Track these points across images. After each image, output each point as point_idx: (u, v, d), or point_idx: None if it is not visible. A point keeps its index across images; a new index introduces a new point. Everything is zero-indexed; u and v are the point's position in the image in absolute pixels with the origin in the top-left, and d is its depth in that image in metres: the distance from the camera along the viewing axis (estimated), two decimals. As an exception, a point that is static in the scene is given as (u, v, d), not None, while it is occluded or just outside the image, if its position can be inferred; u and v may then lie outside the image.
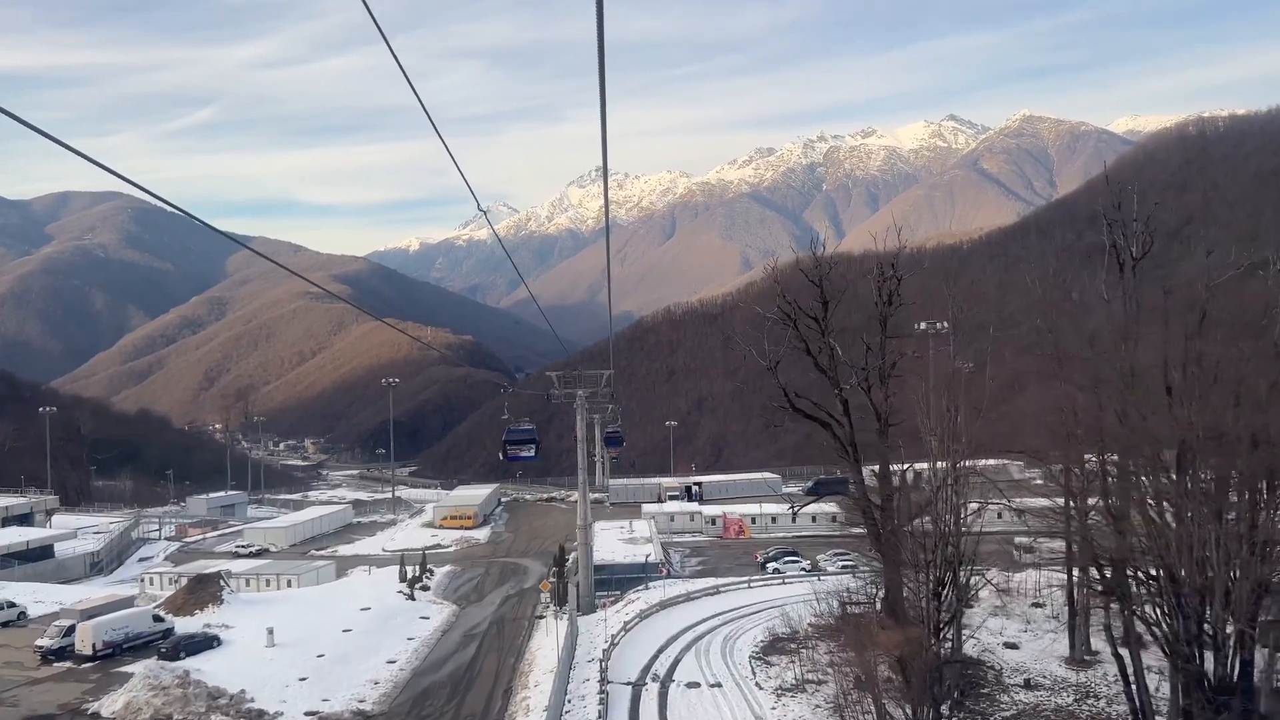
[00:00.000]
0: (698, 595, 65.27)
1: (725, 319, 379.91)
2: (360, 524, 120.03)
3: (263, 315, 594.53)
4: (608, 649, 53.29)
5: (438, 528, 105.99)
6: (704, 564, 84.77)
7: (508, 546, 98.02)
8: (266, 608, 69.73)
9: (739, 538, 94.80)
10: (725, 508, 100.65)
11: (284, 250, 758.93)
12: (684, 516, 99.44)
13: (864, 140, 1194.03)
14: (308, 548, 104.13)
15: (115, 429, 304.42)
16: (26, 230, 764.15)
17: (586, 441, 67.11)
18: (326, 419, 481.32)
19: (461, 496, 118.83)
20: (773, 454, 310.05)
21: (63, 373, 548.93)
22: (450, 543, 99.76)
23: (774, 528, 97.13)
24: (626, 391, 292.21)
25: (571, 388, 66.81)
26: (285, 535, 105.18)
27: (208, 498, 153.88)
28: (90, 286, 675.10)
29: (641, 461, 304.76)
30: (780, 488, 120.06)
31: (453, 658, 59.13)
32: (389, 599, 73.60)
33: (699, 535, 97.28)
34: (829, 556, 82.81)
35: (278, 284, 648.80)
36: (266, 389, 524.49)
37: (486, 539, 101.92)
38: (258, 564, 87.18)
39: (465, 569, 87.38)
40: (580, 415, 66.67)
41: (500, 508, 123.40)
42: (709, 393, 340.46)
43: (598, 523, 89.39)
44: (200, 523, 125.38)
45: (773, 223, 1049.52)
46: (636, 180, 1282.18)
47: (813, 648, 52.82)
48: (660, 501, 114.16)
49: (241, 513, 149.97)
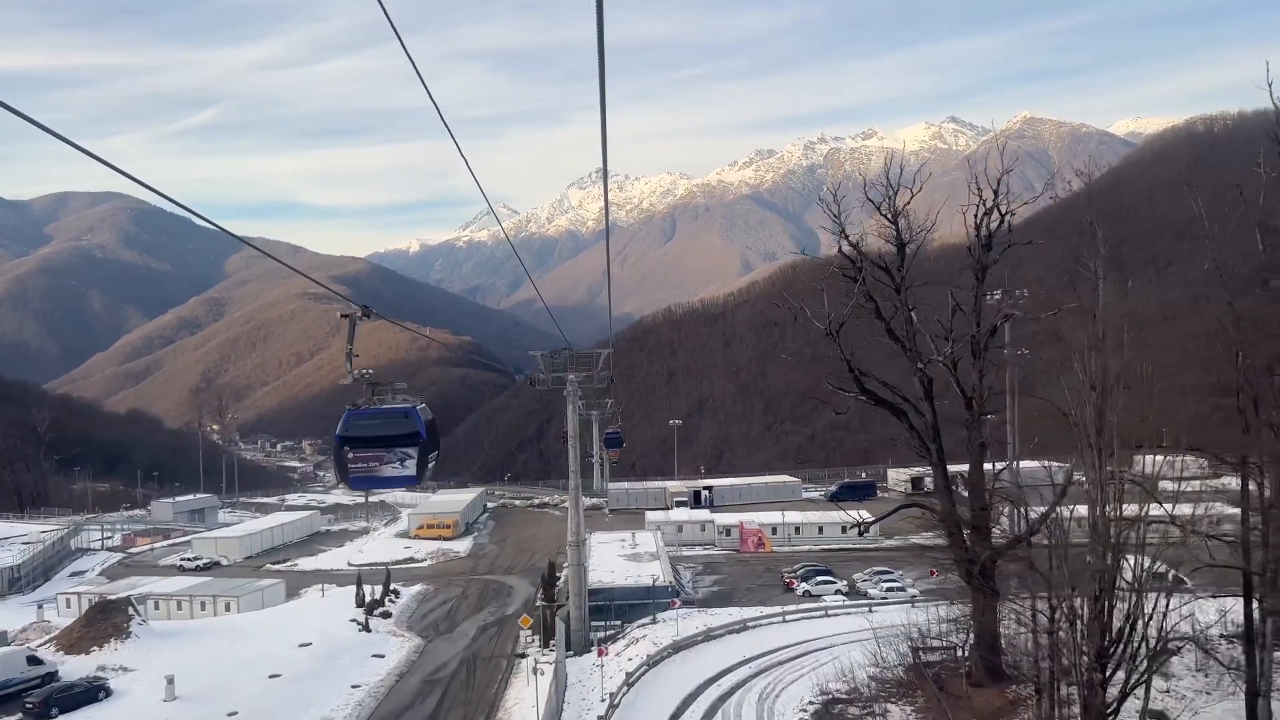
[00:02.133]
0: (720, 633, 50.86)
1: (726, 319, 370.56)
2: (329, 532, 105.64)
3: (260, 316, 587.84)
4: (606, 713, 39.20)
5: (413, 538, 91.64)
6: (720, 585, 70.52)
7: (491, 561, 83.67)
8: (184, 643, 55.56)
9: (758, 551, 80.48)
10: (741, 516, 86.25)
11: (283, 251, 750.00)
12: (694, 526, 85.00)
13: (864, 142, 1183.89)
14: (265, 560, 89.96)
15: (103, 430, 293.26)
16: (25, 231, 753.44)
17: (579, 439, 53.05)
18: (324, 420, 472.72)
19: (440, 503, 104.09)
20: (775, 455, 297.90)
21: (60, 374, 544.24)
22: (425, 555, 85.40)
23: (798, 539, 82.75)
24: (626, 392, 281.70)
25: (561, 371, 52.85)
26: (239, 546, 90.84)
27: (174, 501, 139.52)
28: (88, 287, 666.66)
29: (642, 464, 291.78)
30: (800, 492, 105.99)
31: (405, 716, 45.05)
32: (338, 630, 59.39)
33: (711, 548, 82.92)
34: (868, 576, 68.64)
35: (276, 285, 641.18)
36: (264, 390, 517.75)
37: (467, 551, 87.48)
38: (194, 583, 73.04)
39: (438, 589, 73.22)
40: (571, 405, 52.64)
41: (485, 515, 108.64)
42: (710, 393, 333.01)
43: (595, 535, 75.22)
44: (151, 531, 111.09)
45: (773, 224, 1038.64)
46: (637, 182, 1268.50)
47: (882, 714, 38.63)
48: (667, 508, 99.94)
49: (212, 518, 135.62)
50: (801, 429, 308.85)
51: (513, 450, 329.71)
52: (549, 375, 52.31)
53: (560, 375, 52.67)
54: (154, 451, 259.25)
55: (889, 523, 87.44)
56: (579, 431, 53.49)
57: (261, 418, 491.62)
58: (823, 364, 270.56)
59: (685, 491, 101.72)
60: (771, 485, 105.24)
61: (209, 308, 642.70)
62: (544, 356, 52.42)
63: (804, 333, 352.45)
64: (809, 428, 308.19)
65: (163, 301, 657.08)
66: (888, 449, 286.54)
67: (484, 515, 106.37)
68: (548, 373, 52.12)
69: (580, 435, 65.37)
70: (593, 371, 52.64)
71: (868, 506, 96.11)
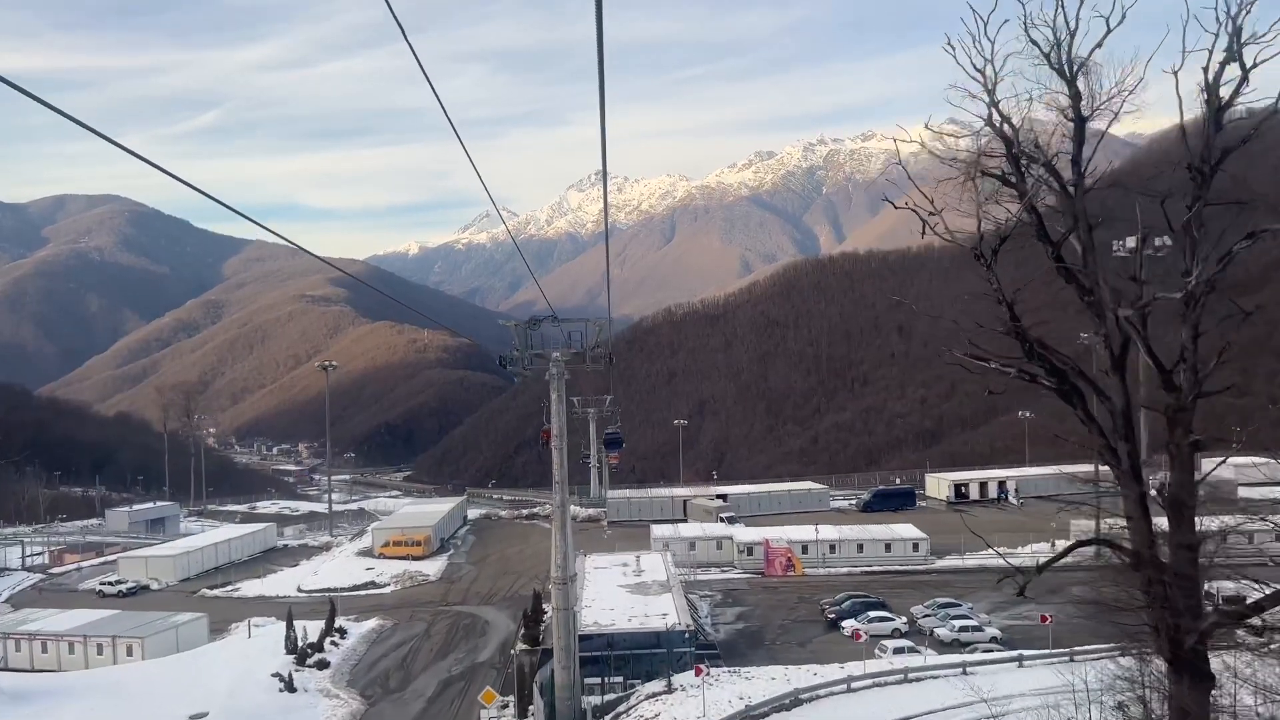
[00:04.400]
0: (762, 710, 35.81)
1: (727, 319, 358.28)
2: (286, 548, 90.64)
3: (258, 319, 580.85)
4: None
5: (377, 556, 76.67)
6: (746, 621, 55.77)
7: (466, 587, 68.55)
8: (39, 711, 40.87)
9: (787, 575, 65.55)
10: (765, 531, 71.29)
11: (282, 254, 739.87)
12: (709, 544, 69.94)
13: (864, 143, 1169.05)
14: (203, 583, 75.03)
15: (89, 433, 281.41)
16: (22, 233, 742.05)
17: (563, 438, 38.36)
18: (321, 423, 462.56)
19: (411, 515, 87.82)
20: (778, 457, 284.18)
21: (57, 376, 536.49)
22: (389, 579, 70.39)
23: (833, 559, 67.84)
24: (626, 394, 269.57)
25: (541, 349, 38.22)
26: (173, 567, 75.90)
27: (130, 510, 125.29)
28: (85, 290, 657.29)
29: (642, 467, 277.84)
30: (829, 501, 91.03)
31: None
32: (252, 689, 44.58)
33: (730, 570, 67.96)
34: (932, 611, 53.95)
35: (274, 288, 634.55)
36: (261, 393, 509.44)
37: (439, 574, 72.28)
38: (99, 617, 58.22)
39: (398, 625, 58.42)
40: (556, 393, 37.97)
41: (465, 528, 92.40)
42: (711, 395, 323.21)
43: (591, 558, 60.33)
44: (87, 546, 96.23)
45: (773, 226, 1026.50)
46: (636, 184, 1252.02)
47: None
48: (676, 520, 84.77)
49: (174, 528, 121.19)
50: (804, 431, 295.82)
51: (511, 453, 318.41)
52: (525, 353, 37.64)
53: (540, 353, 38.00)
54: (143, 455, 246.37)
55: (939, 536, 73.10)
56: (566, 430, 38.73)
57: (259, 420, 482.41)
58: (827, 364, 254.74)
59: (716, 504, 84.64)
60: (796, 494, 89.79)
61: (207, 310, 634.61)
62: (517, 327, 37.80)
63: (806, 333, 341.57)
64: (811, 429, 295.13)
65: (160, 304, 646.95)
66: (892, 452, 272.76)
67: (463, 529, 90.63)
68: (523, 349, 37.48)
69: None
70: (584, 350, 37.94)
71: (907, 518, 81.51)
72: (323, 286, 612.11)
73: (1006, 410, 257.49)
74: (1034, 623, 53.23)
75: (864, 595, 56.87)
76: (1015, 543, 70.38)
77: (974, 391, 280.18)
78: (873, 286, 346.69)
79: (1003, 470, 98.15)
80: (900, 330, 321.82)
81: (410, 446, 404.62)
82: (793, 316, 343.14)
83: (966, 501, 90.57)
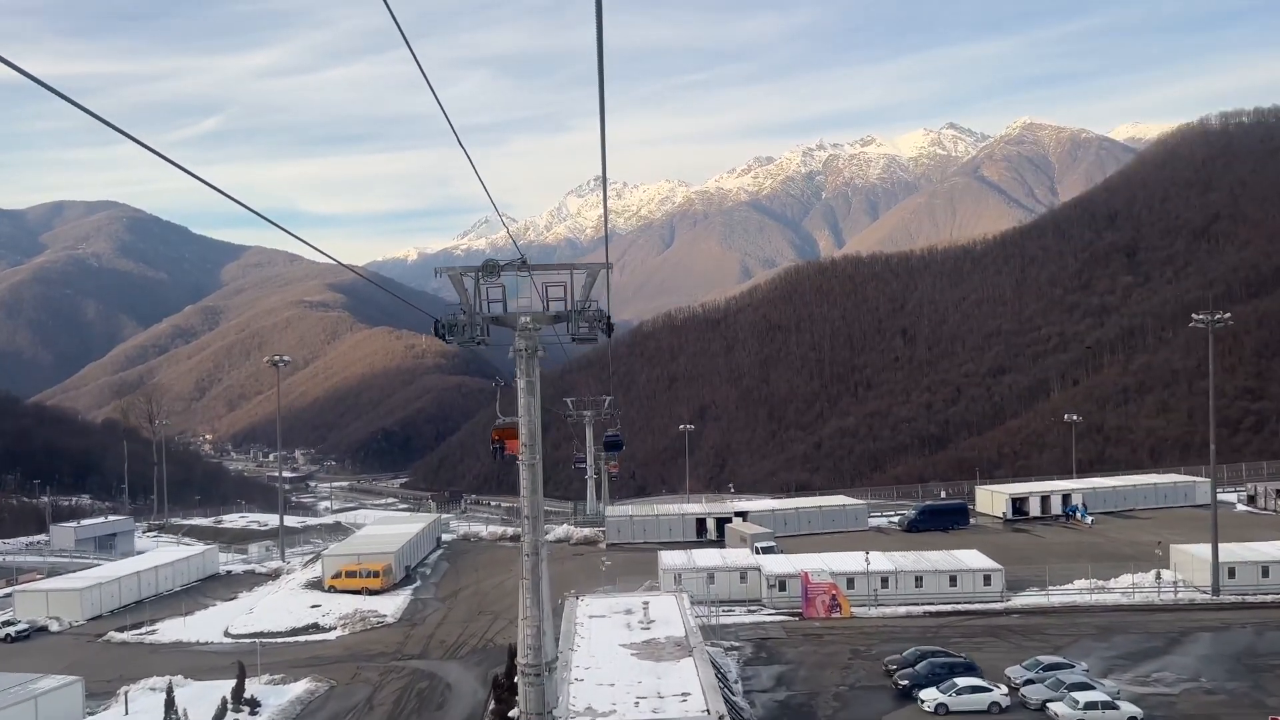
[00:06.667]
0: None
1: (728, 324, 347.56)
2: (230, 575, 75.50)
3: (256, 324, 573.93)
4: None
5: (327, 589, 62.14)
6: (789, 689, 41.46)
7: (429, 633, 53.80)
8: None
9: (832, 617, 51.28)
10: (799, 560, 56.90)
11: (280, 259, 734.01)
12: (730, 576, 55.27)
13: (863, 149, 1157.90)
14: (116, 622, 60.46)
15: (73, 440, 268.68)
16: (20, 239, 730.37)
17: (537, 450, 24.37)
18: (318, 429, 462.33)
19: (370, 538, 72.04)
20: (780, 463, 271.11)
21: (54, 383, 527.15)
22: (337, 621, 55.79)
23: (885, 596, 53.51)
24: (625, 400, 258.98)
25: (502, 313, 24.15)
26: (80, 602, 61.27)
27: (77, 526, 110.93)
28: (83, 296, 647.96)
29: (642, 473, 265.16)
30: (866, 519, 76.54)
31: None
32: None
33: (758, 609, 53.63)
34: (1038, 674, 39.81)
35: (271, 294, 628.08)
36: (258, 399, 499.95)
37: (399, 613, 57.44)
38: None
39: (333, 691, 44.12)
40: (523, 374, 23.94)
41: (438, 552, 76.25)
42: (712, 400, 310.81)
43: (584, 603, 45.79)
44: (12, 569, 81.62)
45: (772, 231, 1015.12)
46: (635, 189, 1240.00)
47: None
48: (689, 542, 70.17)
49: (126, 545, 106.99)
50: (807, 436, 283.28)
51: (509, 459, 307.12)
52: (476, 315, 23.58)
53: (500, 317, 23.96)
54: (130, 463, 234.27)
55: (1006, 564, 58.40)
56: (537, 432, 24.65)
57: (255, 427, 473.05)
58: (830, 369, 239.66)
59: (753, 530, 67.81)
60: (828, 511, 74.70)
61: (204, 316, 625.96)
62: (456, 277, 23.65)
63: (808, 337, 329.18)
64: (815, 435, 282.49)
65: (158, 310, 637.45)
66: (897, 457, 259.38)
67: (435, 553, 74.79)
68: (472, 310, 23.45)
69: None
70: (570, 307, 23.89)
71: (960, 539, 67.30)
72: (320, 292, 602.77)
73: (1014, 414, 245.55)
74: (1170, 688, 39.33)
75: (941, 651, 42.52)
76: (1105, 573, 56.39)
77: (979, 396, 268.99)
78: (876, 290, 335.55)
79: (1066, 481, 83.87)
80: (904, 334, 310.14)
81: (407, 453, 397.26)
82: (795, 320, 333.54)
83: (1026, 518, 76.30)
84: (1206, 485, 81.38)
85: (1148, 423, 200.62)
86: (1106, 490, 78.85)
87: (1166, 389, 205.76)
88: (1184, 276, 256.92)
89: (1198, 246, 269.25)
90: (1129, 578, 55.16)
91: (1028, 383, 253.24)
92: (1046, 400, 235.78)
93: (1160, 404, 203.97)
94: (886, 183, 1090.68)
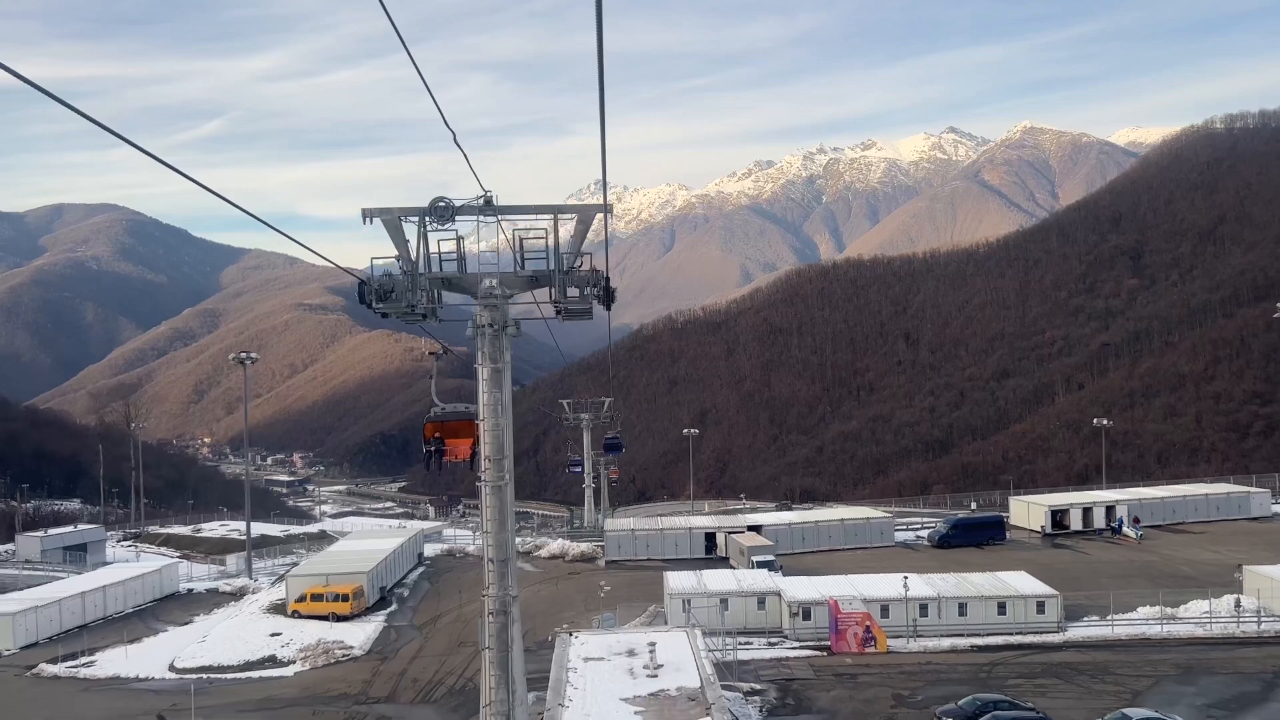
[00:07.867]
0: None
1: (729, 327, 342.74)
2: (191, 594, 68.65)
3: (255, 327, 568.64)
4: None
5: (290, 614, 54.84)
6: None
7: (401, 669, 46.67)
8: None
9: (865, 652, 44.13)
10: (823, 583, 49.64)
11: (279, 263, 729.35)
12: (747, 603, 48.27)
13: (864, 153, 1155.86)
14: (50, 651, 53.21)
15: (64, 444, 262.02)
16: (19, 242, 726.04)
17: (508, 467, 17.39)
18: (316, 433, 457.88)
19: (342, 556, 65.02)
20: (782, 468, 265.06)
21: (52, 386, 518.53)
22: (297, 653, 48.97)
23: (924, 626, 46.35)
24: (625, 403, 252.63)
25: (457, 274, 17.07)
26: (12, 628, 53.94)
27: (43, 535, 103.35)
28: (82, 299, 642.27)
29: (642, 478, 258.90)
30: (893, 534, 69.21)
31: None
32: None
33: (779, 641, 46.56)
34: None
35: (271, 297, 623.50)
36: (257, 402, 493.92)
37: (368, 644, 50.50)
38: None
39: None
40: (485, 356, 16.99)
41: (418, 570, 68.98)
42: (713, 404, 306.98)
43: (579, 639, 38.98)
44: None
45: (772, 235, 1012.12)
46: (635, 193, 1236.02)
47: None
48: (700, 559, 62.83)
49: (96, 555, 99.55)
50: (809, 440, 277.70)
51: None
52: (421, 277, 16.54)
53: (455, 278, 16.89)
54: (118, 467, 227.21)
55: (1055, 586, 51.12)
56: (507, 441, 17.60)
57: (253, 430, 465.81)
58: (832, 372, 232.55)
59: (753, 542, 59.99)
60: (851, 525, 67.54)
61: (203, 319, 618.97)
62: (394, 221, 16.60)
63: (810, 340, 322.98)
64: (817, 439, 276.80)
65: (157, 313, 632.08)
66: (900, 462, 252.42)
67: (415, 572, 67.15)
68: (412, 268, 16.44)
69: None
70: (549, 265, 16.85)
71: (997, 556, 60.18)
72: (320, 295, 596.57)
73: (1018, 419, 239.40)
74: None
75: (1005, 701, 35.29)
76: (1166, 597, 49.13)
77: (983, 400, 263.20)
78: (878, 293, 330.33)
79: (1109, 492, 76.70)
80: (907, 338, 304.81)
81: (406, 457, 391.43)
82: (796, 323, 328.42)
83: (1067, 533, 69.01)
84: (1263, 496, 74.61)
85: (1154, 427, 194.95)
86: (1153, 501, 71.76)
87: (1173, 393, 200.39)
88: (1190, 280, 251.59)
89: (1203, 249, 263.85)
90: (1202, 603, 47.82)
91: (1032, 387, 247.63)
92: (1051, 404, 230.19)
93: (1167, 408, 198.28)
94: (887, 187, 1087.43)
